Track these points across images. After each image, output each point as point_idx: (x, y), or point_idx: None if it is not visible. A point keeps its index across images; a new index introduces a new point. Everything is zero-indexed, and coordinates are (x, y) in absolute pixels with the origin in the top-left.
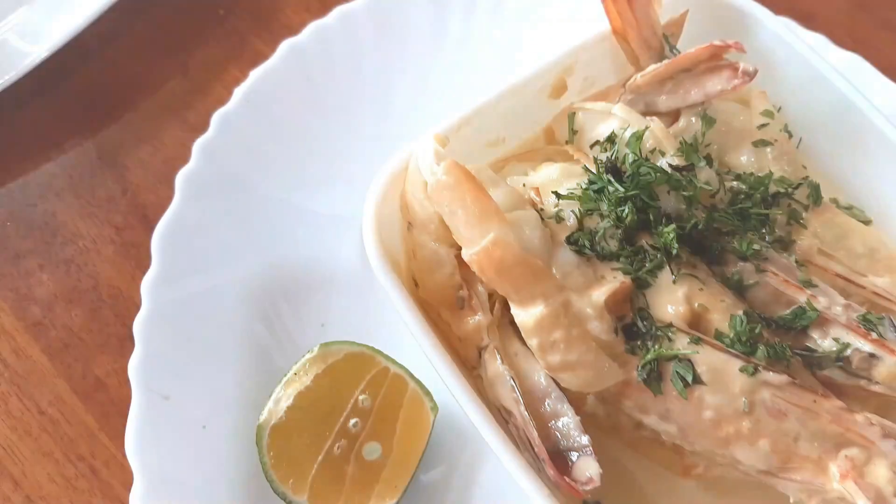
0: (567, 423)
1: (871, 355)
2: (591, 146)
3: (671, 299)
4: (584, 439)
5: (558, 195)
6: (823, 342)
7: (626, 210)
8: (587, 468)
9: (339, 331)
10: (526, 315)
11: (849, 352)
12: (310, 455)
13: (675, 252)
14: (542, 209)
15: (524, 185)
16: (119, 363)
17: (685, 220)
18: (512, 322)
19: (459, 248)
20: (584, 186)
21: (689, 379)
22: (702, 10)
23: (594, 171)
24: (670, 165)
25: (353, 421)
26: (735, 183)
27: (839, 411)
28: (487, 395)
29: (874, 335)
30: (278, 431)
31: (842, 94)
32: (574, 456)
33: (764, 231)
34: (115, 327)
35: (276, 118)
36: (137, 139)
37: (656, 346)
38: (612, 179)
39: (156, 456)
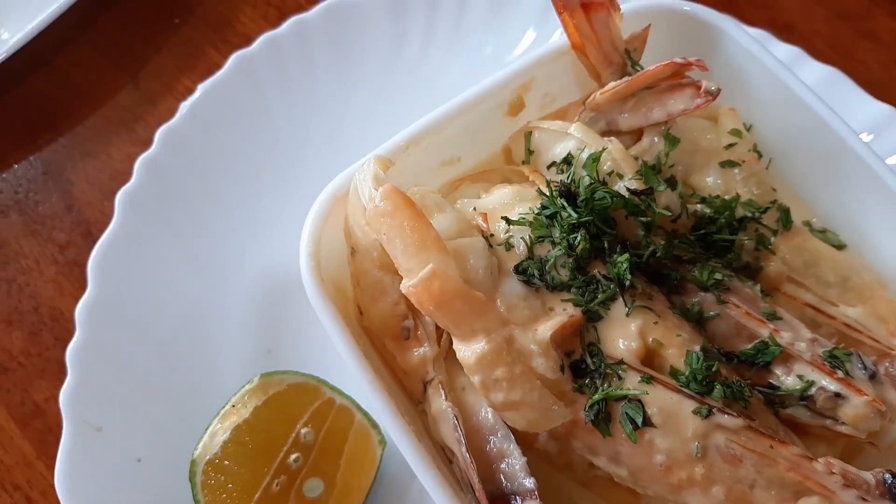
0: (513, 464)
1: (837, 395)
2: (548, 167)
3: (623, 333)
4: (530, 483)
5: (508, 221)
6: (787, 379)
7: (579, 237)
8: None
9: (287, 358)
10: (467, 351)
11: (813, 390)
12: (246, 492)
13: (627, 283)
14: (491, 235)
15: (475, 208)
16: (58, 389)
17: (643, 247)
18: None
19: None
20: (535, 211)
21: (639, 421)
22: (668, 23)
23: (548, 194)
24: (628, 189)
25: (293, 456)
26: (700, 207)
27: (797, 458)
28: (431, 432)
29: (840, 373)
30: (213, 467)
31: (815, 112)
32: (518, 501)
33: (730, 257)
34: (55, 351)
35: (225, 133)
36: (84, 153)
37: (605, 385)
38: (566, 204)
39: (87, 490)
